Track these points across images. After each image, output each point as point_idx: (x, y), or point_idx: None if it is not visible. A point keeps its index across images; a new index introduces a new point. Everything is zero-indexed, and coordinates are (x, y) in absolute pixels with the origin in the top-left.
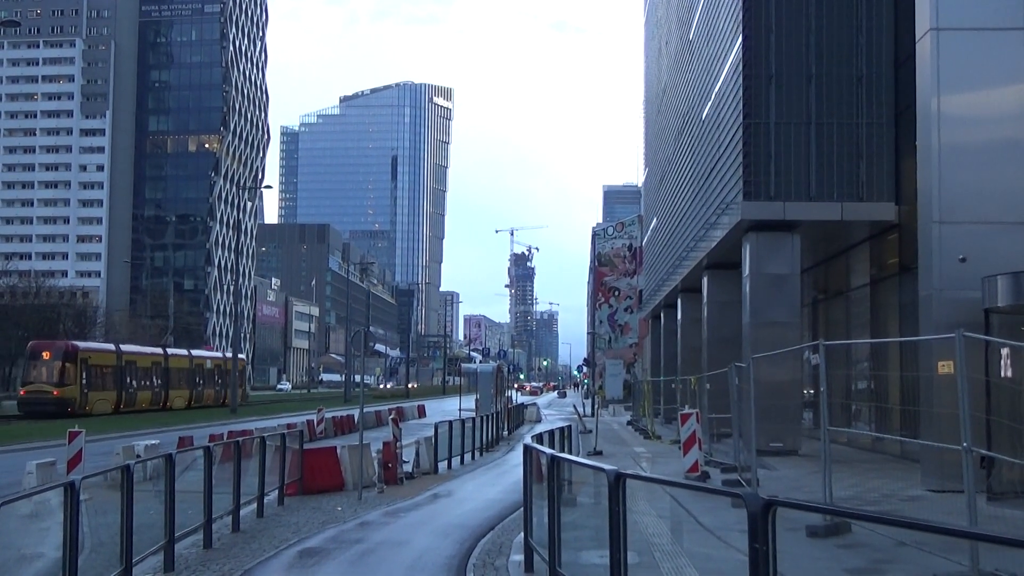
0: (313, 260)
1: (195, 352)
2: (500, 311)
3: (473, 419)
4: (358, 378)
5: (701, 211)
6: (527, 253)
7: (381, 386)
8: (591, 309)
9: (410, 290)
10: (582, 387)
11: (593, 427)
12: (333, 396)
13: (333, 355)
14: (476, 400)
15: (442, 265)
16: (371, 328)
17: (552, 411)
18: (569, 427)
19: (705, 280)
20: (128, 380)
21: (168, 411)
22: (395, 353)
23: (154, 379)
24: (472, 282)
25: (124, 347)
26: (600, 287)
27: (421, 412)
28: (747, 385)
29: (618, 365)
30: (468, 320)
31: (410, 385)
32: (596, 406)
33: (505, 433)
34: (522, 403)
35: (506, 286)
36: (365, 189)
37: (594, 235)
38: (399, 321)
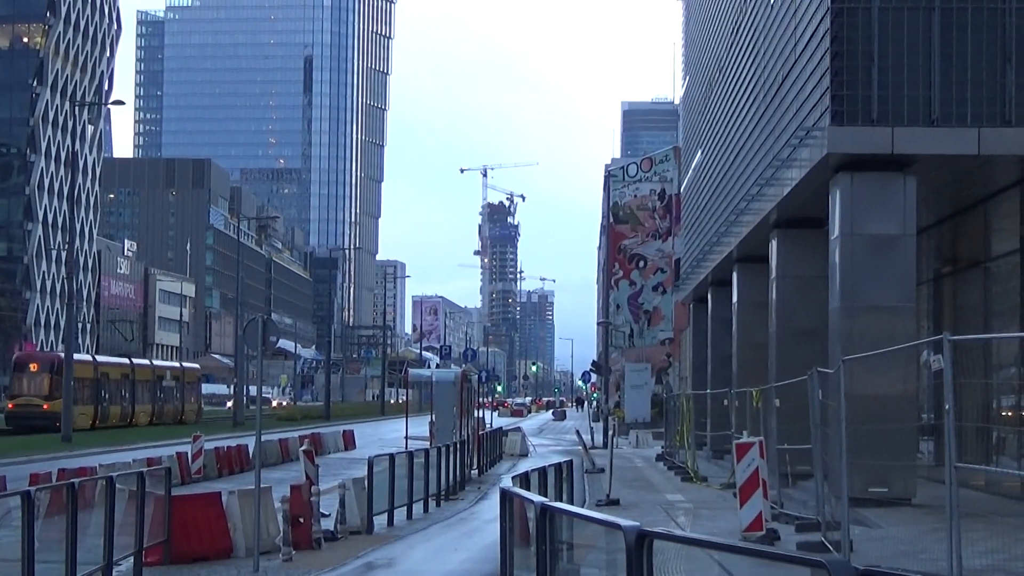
0: (186, 213)
1: (157, 363)
2: (467, 291)
3: (426, 452)
4: (254, 390)
5: (768, 142)
6: (507, 203)
7: (287, 403)
8: (603, 288)
9: (332, 259)
10: (589, 404)
11: (606, 464)
12: (217, 417)
13: (216, 356)
14: (431, 423)
15: (380, 222)
16: (273, 315)
17: (545, 439)
18: (569, 463)
19: (774, 245)
20: (103, 394)
21: (134, 427)
22: (309, 353)
23: (123, 392)
24: (425, 247)
25: (99, 357)
26: (617, 255)
27: (348, 441)
28: (835, 402)
29: (643, 371)
30: (419, 304)
31: (333, 401)
32: (611, 433)
33: (474, 472)
34: (500, 428)
35: (476, 253)
36: (264, 108)
37: (608, 177)
38: (315, 306)
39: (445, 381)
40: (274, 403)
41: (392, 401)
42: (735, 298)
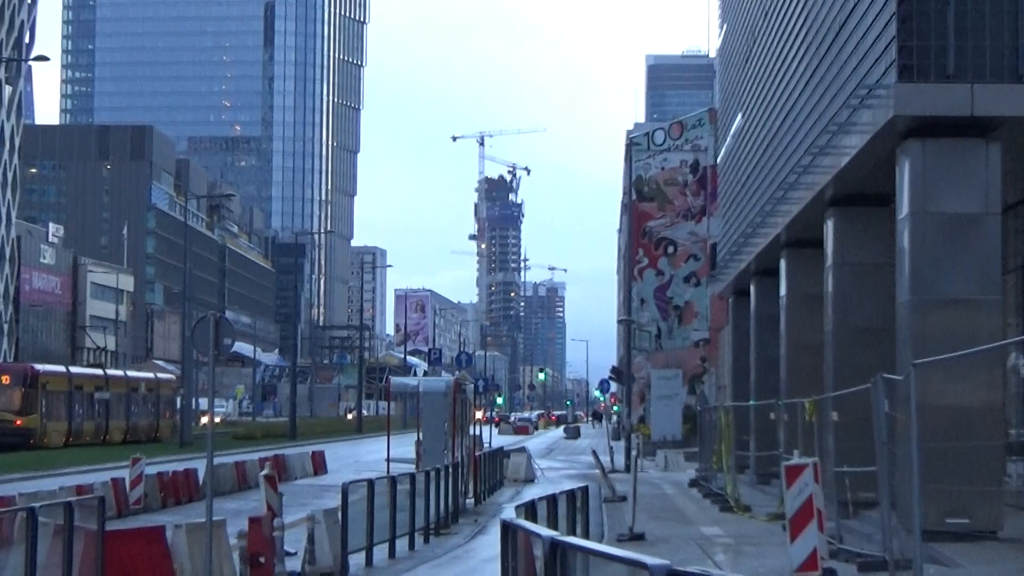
0: (123, 191)
1: (131, 374)
2: (460, 283)
3: (412, 477)
4: (204, 403)
5: (823, 102)
6: (509, 178)
7: (243, 417)
8: (624, 279)
9: (298, 245)
10: (608, 419)
11: (629, 491)
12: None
13: (159, 362)
14: (418, 443)
15: (356, 201)
16: (227, 313)
17: (555, 462)
18: (584, 490)
19: (830, 226)
20: (76, 408)
21: (108, 445)
22: (271, 359)
23: (96, 407)
24: (411, 231)
25: (73, 369)
26: (641, 239)
27: (318, 465)
28: (905, 415)
29: (674, 379)
30: (403, 299)
31: (300, 416)
32: (634, 453)
33: (470, 502)
34: (501, 448)
35: (471, 238)
36: (217, 63)
37: (630, 146)
38: (278, 301)
39: (434, 392)
40: (218, 419)
41: (371, 414)
42: (783, 290)
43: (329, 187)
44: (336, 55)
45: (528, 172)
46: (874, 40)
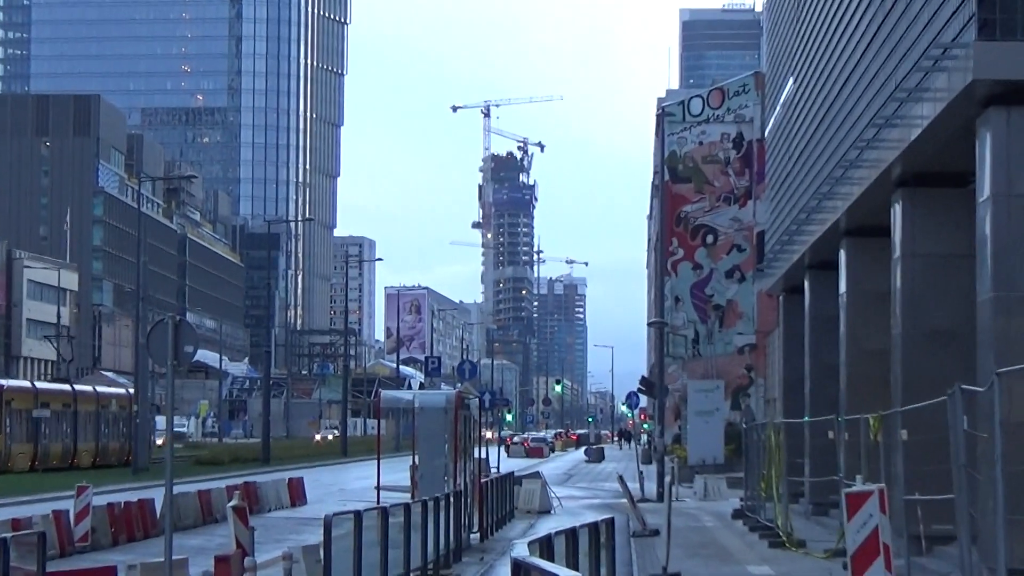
0: (65, 172)
1: (101, 389)
2: (463, 279)
3: (407, 507)
4: (161, 422)
5: (888, 65)
6: (520, 155)
7: (208, 438)
8: (655, 273)
9: (271, 236)
10: (638, 440)
11: (662, 523)
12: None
13: (108, 374)
14: (413, 467)
15: (339, 183)
16: (188, 316)
17: (574, 489)
18: (610, 523)
19: (898, 211)
20: (43, 429)
21: (75, 469)
22: (240, 369)
23: (64, 427)
24: (404, 218)
25: (38, 384)
26: (675, 227)
27: (296, 494)
28: (988, 433)
29: (714, 392)
30: (395, 298)
31: (275, 437)
32: (668, 479)
33: (475, 536)
34: (511, 474)
35: (475, 225)
36: (175, 21)
37: (662, 116)
38: (248, 302)
39: (433, 408)
40: (178, 443)
41: (356, 435)
42: (843, 286)
43: (307, 167)
44: (315, 11)
45: (542, 148)
46: None
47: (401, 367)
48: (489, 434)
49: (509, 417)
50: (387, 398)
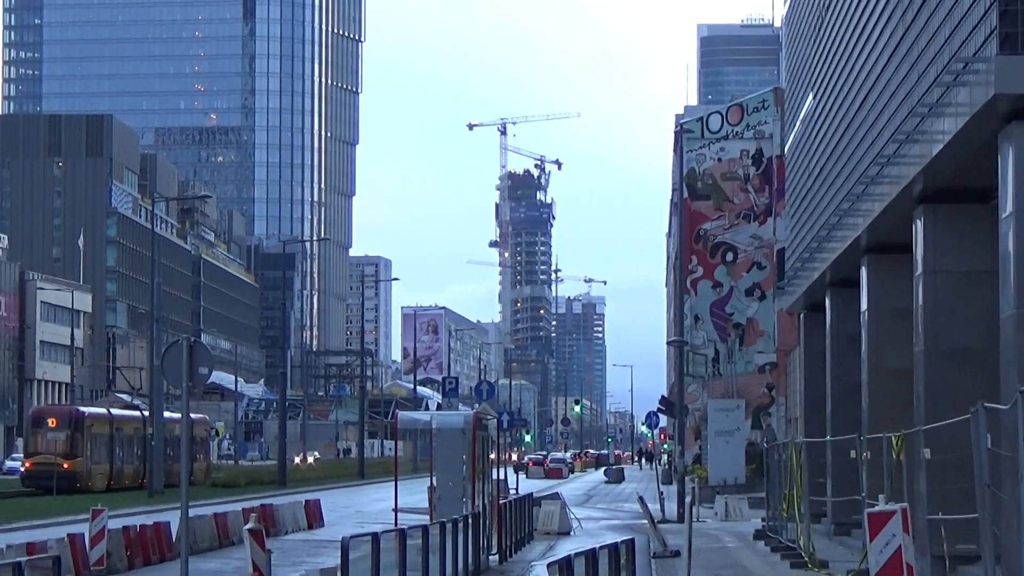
0: (78, 193)
1: (166, 414)
2: (480, 299)
3: (425, 529)
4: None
5: (909, 79)
6: (537, 172)
7: (224, 460)
8: (675, 292)
9: (286, 256)
10: (658, 460)
11: (683, 544)
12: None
13: (122, 395)
14: (431, 489)
15: (354, 203)
16: (203, 337)
17: (594, 510)
18: (630, 544)
19: (919, 227)
20: (117, 451)
21: (145, 488)
22: (256, 391)
23: (136, 449)
24: (420, 237)
25: (113, 411)
26: (694, 244)
27: (313, 516)
28: (1012, 451)
29: (735, 411)
30: (412, 318)
31: (292, 460)
32: (689, 500)
33: (493, 559)
34: (530, 495)
35: (492, 244)
36: (188, 40)
37: (680, 133)
38: (264, 323)
39: (450, 429)
40: (213, 463)
41: (374, 457)
42: (864, 304)
43: (323, 186)
44: (330, 29)
45: (559, 166)
46: (971, 4)
47: (418, 388)
48: (511, 456)
49: (528, 438)
50: (404, 419)
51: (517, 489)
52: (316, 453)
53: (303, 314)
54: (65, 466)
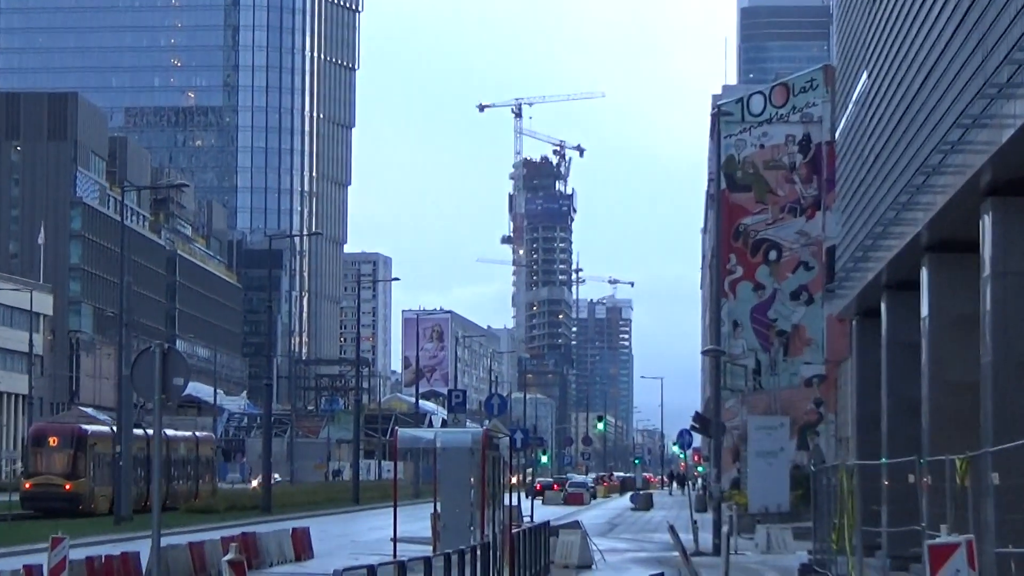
0: (38, 180)
1: (168, 432)
2: (491, 302)
3: (428, 562)
4: (226, 468)
5: (975, 58)
6: (556, 160)
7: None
8: (711, 295)
9: (272, 253)
10: (692, 484)
11: None
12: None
13: (87, 409)
14: (435, 516)
15: (350, 193)
16: (179, 344)
17: (619, 541)
18: None
19: (987, 223)
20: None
21: (146, 512)
22: (238, 404)
23: (139, 471)
24: (424, 233)
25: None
26: (734, 241)
27: (301, 546)
28: None
29: (778, 430)
30: (414, 323)
31: (278, 482)
32: (727, 529)
33: None
34: (547, 523)
35: (505, 240)
36: (164, 9)
37: (718, 116)
38: (247, 328)
39: (457, 448)
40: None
41: (369, 479)
42: (925, 310)
43: (314, 174)
44: None
45: (581, 152)
46: None
47: (421, 402)
48: (515, 479)
49: (544, 459)
50: (405, 437)
51: (532, 517)
52: (277, 476)
53: (291, 318)
54: (66, 487)
